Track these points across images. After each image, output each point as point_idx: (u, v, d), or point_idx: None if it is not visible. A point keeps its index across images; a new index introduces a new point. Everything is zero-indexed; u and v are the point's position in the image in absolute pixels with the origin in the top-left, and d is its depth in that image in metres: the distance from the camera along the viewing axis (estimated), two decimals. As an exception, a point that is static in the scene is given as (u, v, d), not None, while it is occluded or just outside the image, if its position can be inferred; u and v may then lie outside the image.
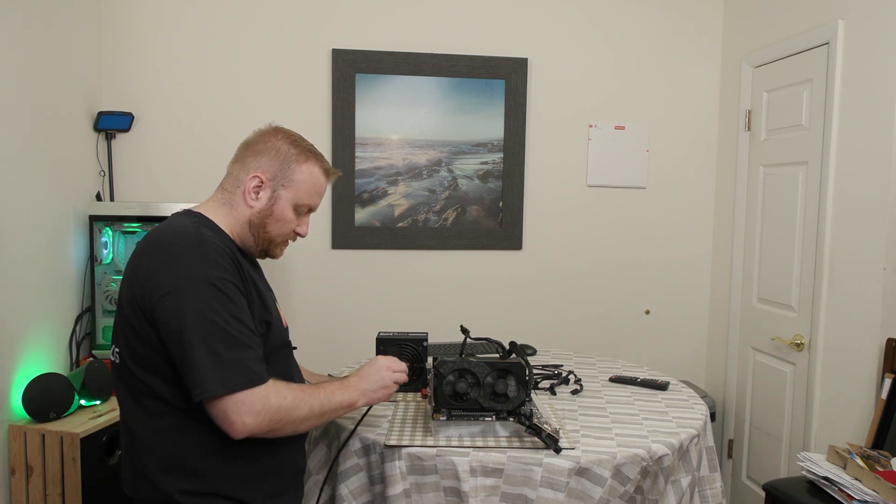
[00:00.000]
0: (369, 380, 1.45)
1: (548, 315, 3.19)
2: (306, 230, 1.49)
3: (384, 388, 1.47)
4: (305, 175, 1.44)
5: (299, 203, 1.44)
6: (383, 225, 3.05)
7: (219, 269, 1.27)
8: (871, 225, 2.26)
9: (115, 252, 2.64)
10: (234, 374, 1.21)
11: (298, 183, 1.43)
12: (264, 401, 1.23)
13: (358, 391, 1.43)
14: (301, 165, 1.44)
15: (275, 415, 1.24)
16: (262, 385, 1.24)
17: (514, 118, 3.07)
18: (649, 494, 1.56)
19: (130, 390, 1.32)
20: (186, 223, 1.35)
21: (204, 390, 1.20)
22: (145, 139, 2.88)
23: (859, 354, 2.30)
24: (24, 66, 2.27)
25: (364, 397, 1.44)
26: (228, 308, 1.25)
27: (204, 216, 1.40)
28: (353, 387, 1.43)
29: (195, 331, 1.21)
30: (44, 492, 2.18)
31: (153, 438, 1.30)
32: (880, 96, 2.23)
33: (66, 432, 2.16)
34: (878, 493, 1.79)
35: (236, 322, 1.25)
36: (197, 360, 1.20)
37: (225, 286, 1.26)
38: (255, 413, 1.22)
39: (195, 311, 1.22)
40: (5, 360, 2.18)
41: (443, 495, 1.49)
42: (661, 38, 3.17)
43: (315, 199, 1.47)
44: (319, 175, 1.46)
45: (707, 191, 3.27)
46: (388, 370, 1.49)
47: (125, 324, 1.30)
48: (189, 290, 1.23)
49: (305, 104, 2.96)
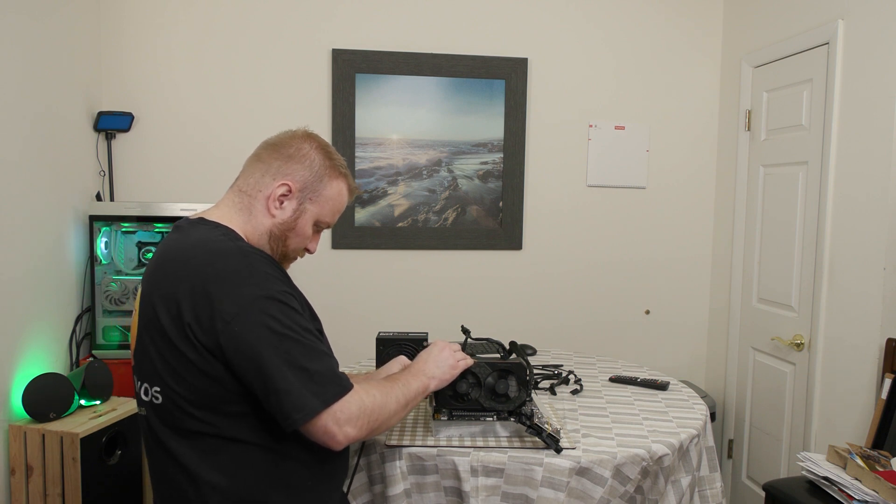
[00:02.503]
0: (436, 363, 1.45)
1: (548, 315, 3.19)
2: (316, 247, 1.43)
3: (452, 367, 1.47)
4: (335, 192, 1.37)
5: (321, 220, 1.38)
6: (383, 225, 3.05)
7: (276, 283, 1.20)
8: (871, 225, 2.26)
9: (114, 252, 2.64)
10: (327, 386, 1.16)
11: (326, 199, 1.36)
12: (360, 404, 1.19)
13: (428, 376, 1.42)
14: (332, 181, 1.36)
15: (371, 415, 1.21)
16: (353, 390, 1.20)
17: (514, 118, 3.07)
18: (649, 494, 1.56)
19: (181, 431, 1.21)
20: (218, 238, 1.24)
21: (306, 412, 1.13)
22: (145, 139, 2.88)
23: (859, 354, 2.30)
24: (25, 66, 2.27)
25: (434, 381, 1.43)
26: (296, 320, 1.18)
27: (228, 228, 1.29)
28: (423, 373, 1.42)
29: (275, 353, 1.13)
30: (44, 492, 2.18)
31: (218, 479, 1.20)
32: (880, 96, 2.23)
33: (66, 432, 2.16)
34: (878, 493, 1.79)
35: (308, 333, 1.19)
36: (288, 384, 1.13)
37: (287, 298, 1.19)
38: (353, 420, 1.17)
39: (269, 332, 1.14)
40: (5, 360, 2.18)
41: (443, 495, 1.49)
42: (661, 38, 3.17)
43: (336, 217, 1.42)
44: (346, 194, 1.41)
45: (707, 191, 3.27)
46: (450, 349, 1.49)
47: (175, 358, 1.18)
48: (255, 312, 1.14)
49: (305, 104, 2.96)
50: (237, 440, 1.20)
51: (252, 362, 1.14)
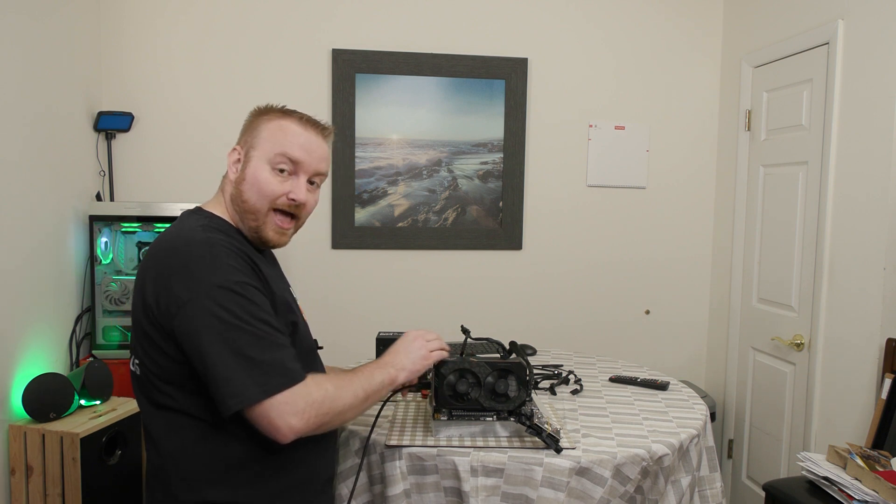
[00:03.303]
0: (406, 354, 1.40)
1: (548, 315, 3.19)
2: (302, 195, 1.32)
3: (423, 358, 1.41)
4: (272, 127, 1.32)
5: (272, 156, 1.30)
6: (383, 225, 3.05)
7: (234, 273, 1.19)
8: (871, 225, 2.26)
9: (115, 252, 2.64)
10: (271, 376, 1.14)
11: (265, 138, 1.32)
12: (307, 397, 1.16)
13: (397, 367, 1.36)
14: (267, 123, 1.34)
15: (320, 408, 1.18)
16: (302, 382, 1.17)
17: (514, 118, 3.08)
18: (649, 494, 1.56)
19: (153, 403, 1.27)
20: (195, 227, 1.27)
21: (242, 399, 1.13)
22: (145, 139, 2.88)
23: (859, 354, 2.30)
24: (25, 66, 2.27)
25: (404, 372, 1.37)
26: (250, 310, 1.18)
27: (210, 213, 1.34)
28: (391, 364, 1.37)
29: (218, 340, 1.14)
30: (44, 492, 2.18)
31: (178, 452, 1.24)
32: (880, 96, 2.23)
33: (66, 432, 2.16)
34: (878, 493, 1.79)
35: (262, 324, 1.18)
36: (229, 371, 1.13)
37: (243, 289, 1.19)
38: (299, 412, 1.15)
39: (217, 320, 1.15)
40: (5, 360, 2.18)
41: (443, 495, 1.49)
42: (661, 38, 3.17)
43: (293, 149, 1.30)
44: (290, 125, 1.33)
45: (707, 191, 3.27)
46: (422, 339, 1.43)
47: (142, 336, 1.25)
48: (207, 299, 1.16)
49: (305, 104, 2.91)
50: (196, 417, 1.24)
51: (196, 348, 1.16)
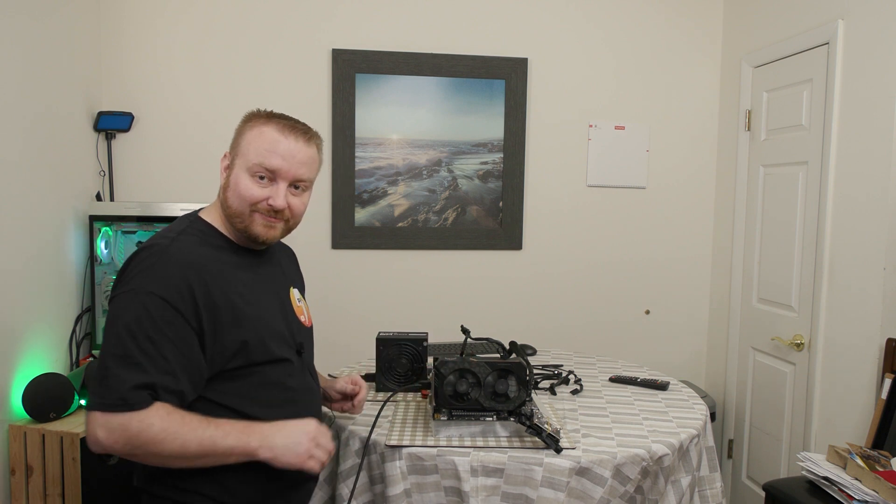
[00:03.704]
0: (286, 439, 1.28)
1: (548, 315, 3.19)
2: (281, 200, 1.34)
3: (296, 456, 1.27)
4: (253, 135, 1.36)
5: (250, 165, 1.33)
6: (383, 225, 3.05)
7: (161, 287, 1.22)
8: (871, 225, 2.26)
9: (114, 252, 2.64)
10: (106, 393, 1.18)
11: (246, 147, 1.35)
12: (125, 425, 1.17)
13: (262, 441, 1.25)
14: (249, 130, 1.37)
15: (131, 440, 1.17)
16: (130, 412, 1.17)
17: (514, 118, 3.07)
18: (649, 494, 1.56)
19: None
20: (171, 232, 1.33)
21: (89, 402, 1.21)
22: (145, 139, 2.88)
23: (859, 354, 2.30)
24: (25, 66, 2.27)
25: (269, 452, 1.25)
26: (144, 327, 1.20)
27: (198, 218, 1.40)
28: (261, 434, 1.26)
29: (106, 340, 1.22)
30: (44, 492, 2.18)
31: None
32: (880, 96, 2.23)
33: (66, 432, 2.16)
34: (878, 493, 1.79)
35: (147, 342, 1.20)
36: (97, 370, 1.21)
37: (155, 305, 1.21)
38: (109, 430, 1.17)
39: (114, 321, 1.22)
40: (5, 360, 2.18)
41: (443, 495, 1.49)
42: (661, 38, 3.17)
43: (269, 157, 1.33)
44: (269, 132, 1.35)
45: (707, 191, 3.27)
46: (312, 441, 1.30)
47: None
48: (121, 301, 1.23)
49: (305, 104, 2.96)
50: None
51: None
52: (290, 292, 1.54)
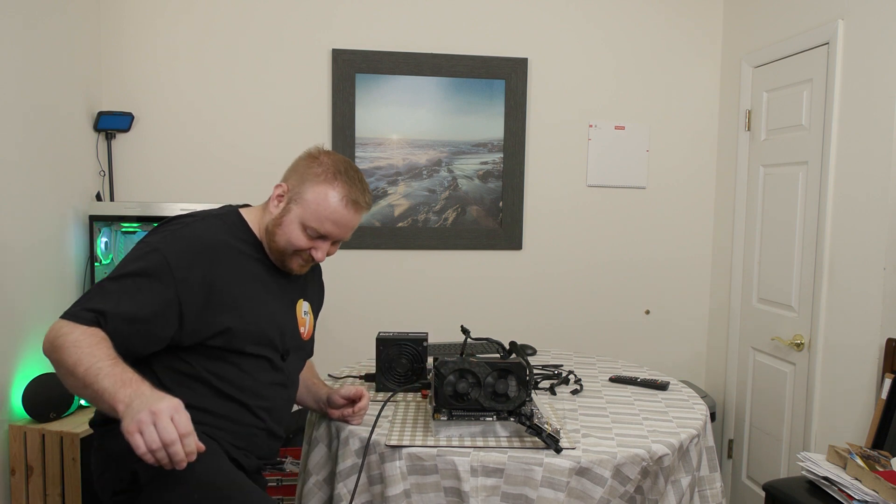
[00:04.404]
0: (139, 403, 1.12)
1: (548, 315, 3.19)
2: (322, 255, 1.49)
3: (128, 423, 1.10)
4: (316, 195, 1.44)
5: (306, 223, 1.44)
6: (383, 225, 3.05)
7: (169, 250, 1.34)
8: (871, 225, 2.26)
9: (114, 252, 2.64)
10: (75, 304, 1.29)
11: (308, 202, 1.44)
12: (58, 328, 1.25)
13: (127, 398, 1.14)
14: (315, 186, 1.45)
15: (52, 341, 1.24)
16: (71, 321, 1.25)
17: (514, 118, 3.07)
18: (649, 494, 1.56)
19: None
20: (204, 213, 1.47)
21: None
22: (145, 139, 2.88)
23: (859, 354, 2.30)
24: (25, 66, 2.27)
25: (123, 408, 1.13)
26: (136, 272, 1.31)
27: (237, 211, 1.51)
28: (133, 391, 1.16)
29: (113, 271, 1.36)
30: (44, 492, 2.18)
31: None
32: (880, 96, 2.23)
33: (66, 432, 2.16)
34: (878, 493, 1.79)
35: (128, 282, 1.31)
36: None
37: (157, 260, 1.32)
38: (51, 329, 1.26)
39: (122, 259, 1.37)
40: (5, 360, 2.18)
41: (443, 495, 1.49)
42: (661, 38, 3.17)
43: (325, 224, 1.44)
44: (333, 199, 1.44)
45: (707, 191, 3.27)
46: (150, 416, 1.10)
47: None
48: (136, 249, 1.37)
49: (305, 104, 2.96)
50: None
51: None
52: (299, 304, 1.60)
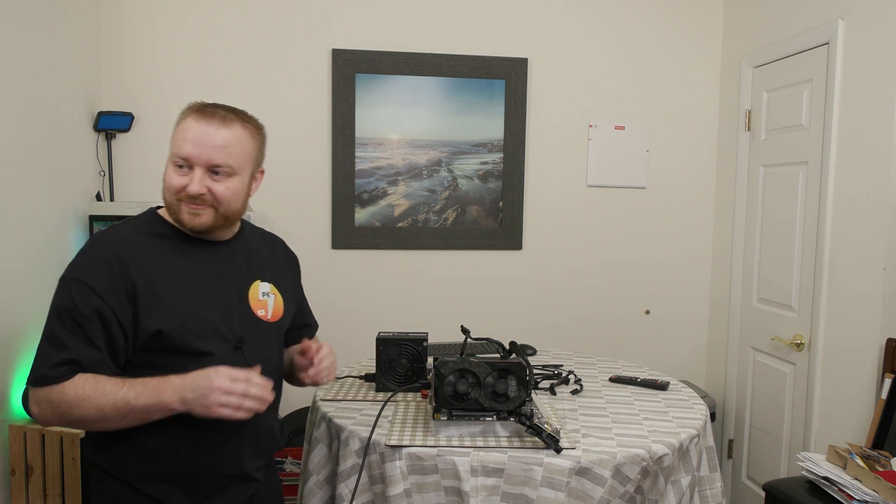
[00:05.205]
0: (191, 390, 1.24)
1: (548, 315, 3.19)
2: (196, 186, 1.32)
3: (204, 408, 1.24)
4: (177, 126, 1.40)
5: (172, 156, 1.37)
6: (383, 225, 3.05)
7: (83, 273, 1.29)
8: (871, 225, 2.26)
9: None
10: (34, 370, 1.27)
11: (172, 138, 1.39)
12: (47, 397, 1.25)
13: (174, 395, 1.24)
14: (177, 122, 1.41)
15: (55, 409, 1.25)
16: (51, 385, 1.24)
17: (514, 118, 3.07)
18: (649, 494, 1.56)
19: None
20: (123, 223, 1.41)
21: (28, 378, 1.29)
22: (145, 139, 2.87)
23: (859, 354, 2.30)
24: (25, 66, 2.27)
25: (183, 405, 1.25)
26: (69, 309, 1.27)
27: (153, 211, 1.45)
28: (172, 388, 1.25)
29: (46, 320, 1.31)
30: (44, 492, 2.18)
31: None
32: (880, 96, 2.23)
33: (66, 432, 2.16)
34: (878, 493, 1.79)
35: (70, 322, 1.27)
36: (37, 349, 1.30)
37: (72, 285, 1.29)
38: (37, 403, 1.27)
39: (51, 306, 1.31)
40: (5, 360, 2.18)
41: (443, 495, 1.49)
42: (661, 38, 3.17)
43: (182, 146, 1.34)
44: (187, 121, 1.37)
45: (707, 191, 3.27)
46: (218, 390, 1.23)
47: None
48: (57, 287, 1.32)
49: (305, 104, 2.96)
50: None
51: None
52: (254, 286, 1.47)
